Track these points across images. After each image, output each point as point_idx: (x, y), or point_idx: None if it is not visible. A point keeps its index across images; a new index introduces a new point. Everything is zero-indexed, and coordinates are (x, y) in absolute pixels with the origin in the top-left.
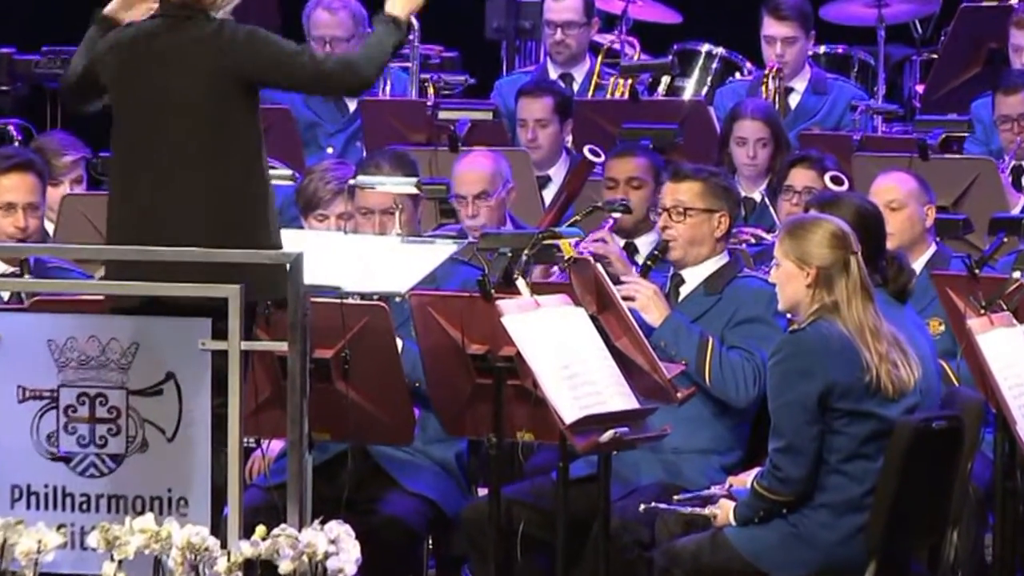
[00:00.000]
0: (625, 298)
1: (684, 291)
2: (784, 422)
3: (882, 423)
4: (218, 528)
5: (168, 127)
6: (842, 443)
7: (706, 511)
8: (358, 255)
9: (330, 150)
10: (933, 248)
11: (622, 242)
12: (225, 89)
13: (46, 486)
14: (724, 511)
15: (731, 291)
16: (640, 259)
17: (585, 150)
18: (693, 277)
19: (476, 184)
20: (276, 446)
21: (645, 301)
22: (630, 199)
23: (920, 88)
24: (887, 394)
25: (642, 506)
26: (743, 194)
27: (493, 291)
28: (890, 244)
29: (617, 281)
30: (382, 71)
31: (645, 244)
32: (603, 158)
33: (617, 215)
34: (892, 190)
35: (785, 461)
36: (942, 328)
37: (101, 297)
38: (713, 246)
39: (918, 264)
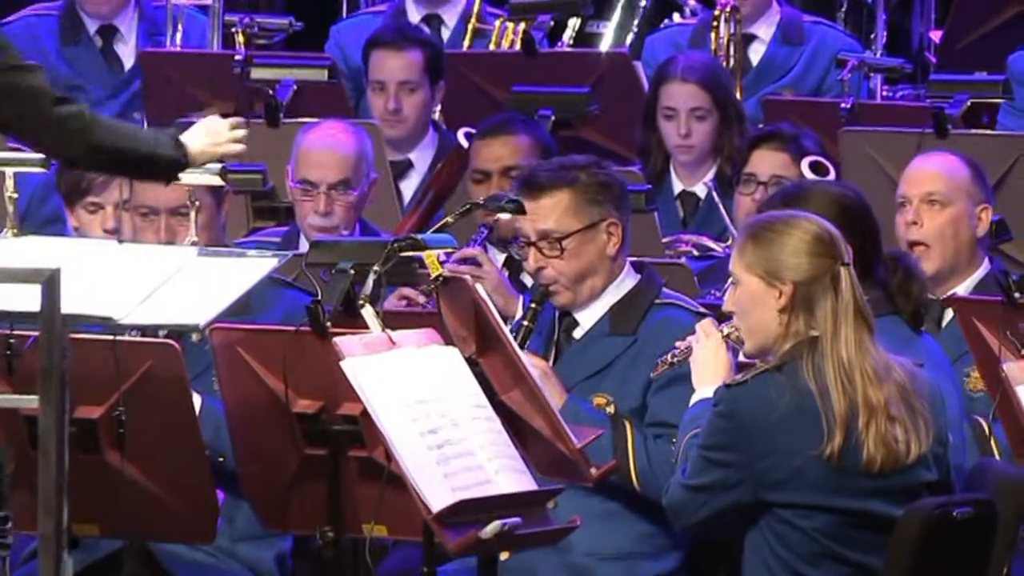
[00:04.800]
0: None
1: (579, 334)
2: (701, 469)
3: (854, 516)
4: None
5: None
6: (798, 540)
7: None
8: (137, 273)
9: None
10: (985, 268)
11: (501, 258)
12: None
13: None
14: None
15: (650, 332)
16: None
17: (460, 134)
18: (589, 316)
19: (335, 168)
20: (23, 543)
21: None
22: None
23: (936, 35)
24: (870, 467)
25: None
26: (680, 187)
27: (329, 324)
28: (929, 264)
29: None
30: (107, 167)
31: None
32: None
33: (505, 216)
34: (934, 178)
35: (685, 499)
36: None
37: None
38: (609, 269)
39: (962, 290)
